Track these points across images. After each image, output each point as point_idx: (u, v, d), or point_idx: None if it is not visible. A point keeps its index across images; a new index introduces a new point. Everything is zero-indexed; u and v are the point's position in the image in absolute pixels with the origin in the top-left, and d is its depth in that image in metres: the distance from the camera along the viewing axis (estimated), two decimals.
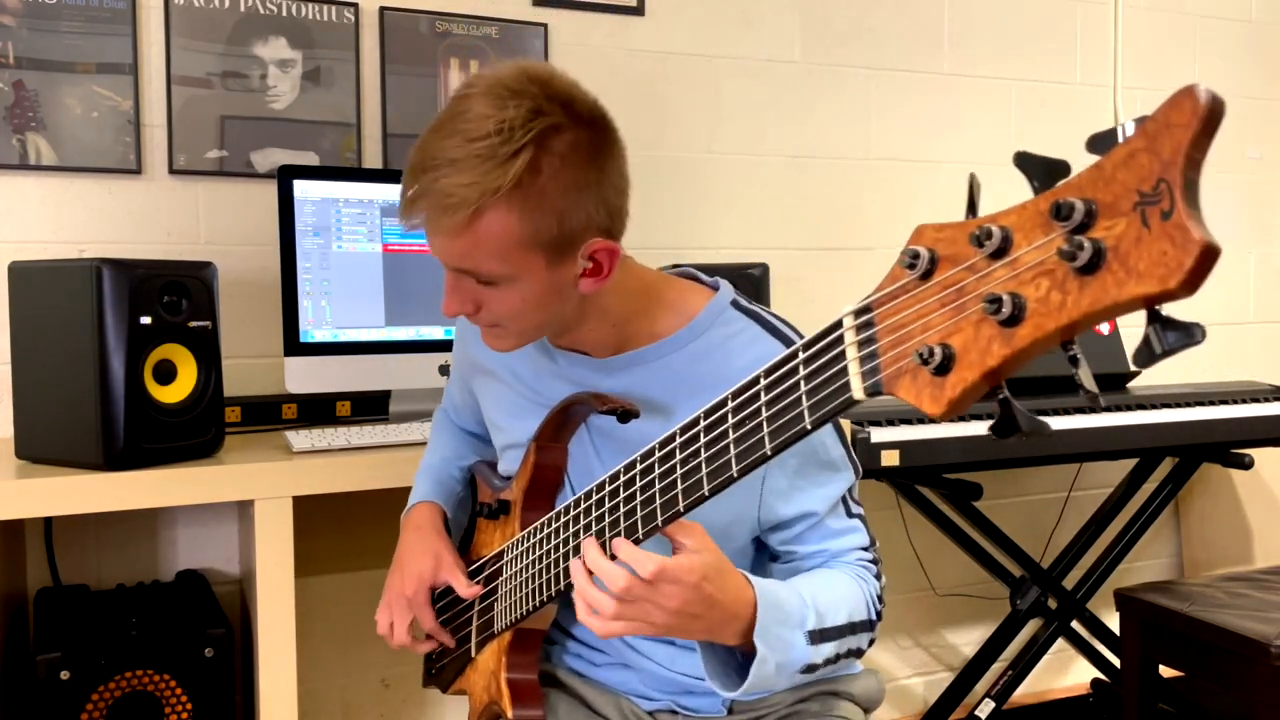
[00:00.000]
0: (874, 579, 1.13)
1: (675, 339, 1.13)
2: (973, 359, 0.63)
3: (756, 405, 0.82)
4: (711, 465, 0.87)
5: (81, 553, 1.95)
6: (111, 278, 1.52)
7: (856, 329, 0.72)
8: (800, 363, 0.78)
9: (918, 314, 0.67)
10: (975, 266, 0.63)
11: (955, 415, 0.66)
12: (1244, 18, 2.97)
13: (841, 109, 2.54)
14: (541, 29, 2.24)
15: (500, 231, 0.99)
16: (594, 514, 1.01)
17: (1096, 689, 2.71)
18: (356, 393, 2.01)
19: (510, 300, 1.04)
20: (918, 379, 0.66)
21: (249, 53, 2.04)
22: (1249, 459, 2.40)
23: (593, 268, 1.05)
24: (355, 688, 2.16)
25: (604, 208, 1.04)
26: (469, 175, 0.96)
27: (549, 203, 0.99)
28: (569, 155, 0.99)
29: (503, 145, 0.96)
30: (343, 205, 1.90)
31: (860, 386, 0.71)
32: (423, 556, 1.27)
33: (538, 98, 0.98)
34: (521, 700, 1.16)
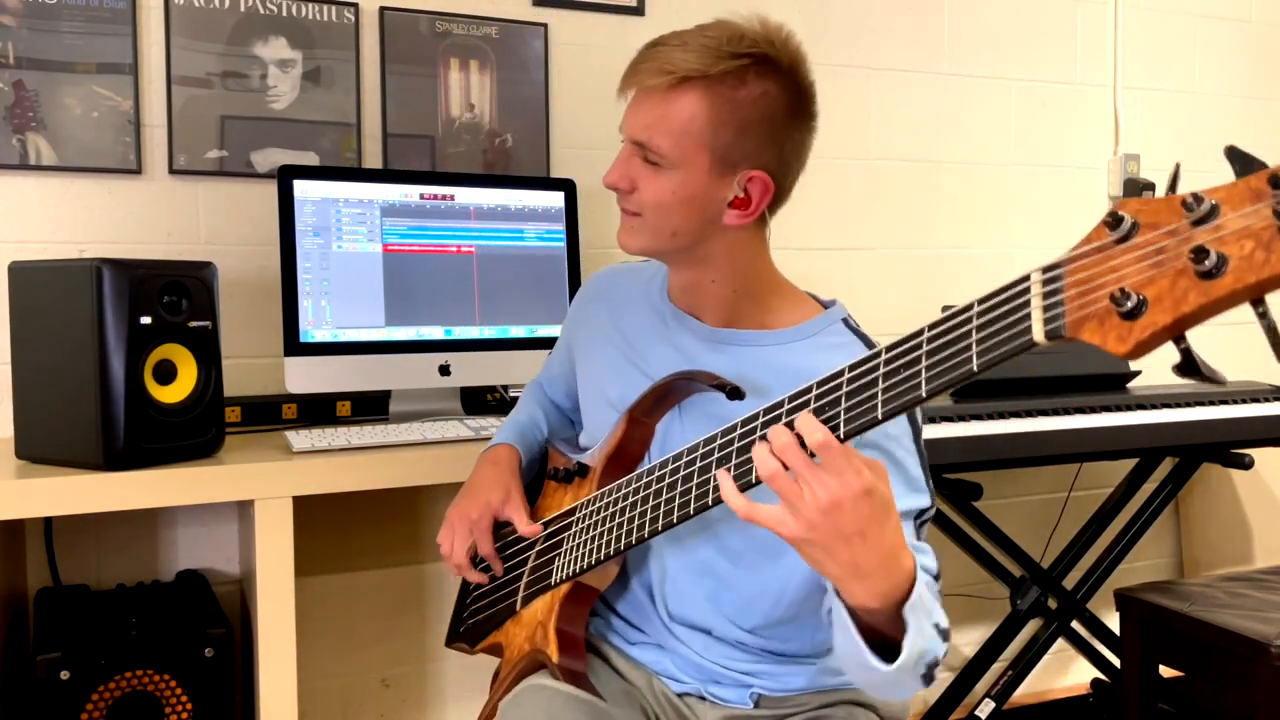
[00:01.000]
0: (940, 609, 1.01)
1: (784, 333, 1.17)
2: (1166, 305, 0.67)
3: (917, 354, 0.83)
4: (851, 412, 0.85)
5: (81, 553, 1.95)
6: (111, 278, 1.52)
7: (1043, 283, 0.76)
8: (975, 313, 0.80)
9: (1111, 269, 0.71)
10: (1177, 231, 0.68)
11: (1139, 357, 0.70)
12: (1244, 18, 2.97)
13: (841, 109, 2.54)
14: (541, 29, 2.24)
15: (688, 112, 1.08)
16: (677, 474, 1.03)
17: (1096, 689, 2.71)
18: (356, 393, 2.01)
19: (664, 187, 1.11)
20: (1105, 323, 0.70)
21: (249, 53, 2.04)
22: (1249, 459, 2.40)
23: (743, 199, 1.12)
24: (355, 688, 2.16)
25: (778, 154, 1.13)
26: (689, 54, 1.08)
27: (738, 114, 1.09)
28: (774, 93, 1.10)
29: (729, 45, 1.08)
30: (343, 205, 1.90)
31: (1041, 330, 0.74)
32: (495, 487, 1.31)
33: (774, 46, 1.11)
34: (568, 650, 1.17)
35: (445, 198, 1.98)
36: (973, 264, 2.69)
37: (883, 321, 2.60)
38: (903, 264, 2.62)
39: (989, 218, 2.70)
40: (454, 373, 1.97)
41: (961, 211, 2.67)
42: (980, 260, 2.70)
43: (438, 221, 1.97)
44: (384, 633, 2.17)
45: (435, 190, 1.98)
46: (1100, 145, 2.82)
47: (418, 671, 2.21)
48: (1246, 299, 0.65)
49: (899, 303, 2.61)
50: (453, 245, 1.98)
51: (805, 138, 1.17)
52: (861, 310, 2.60)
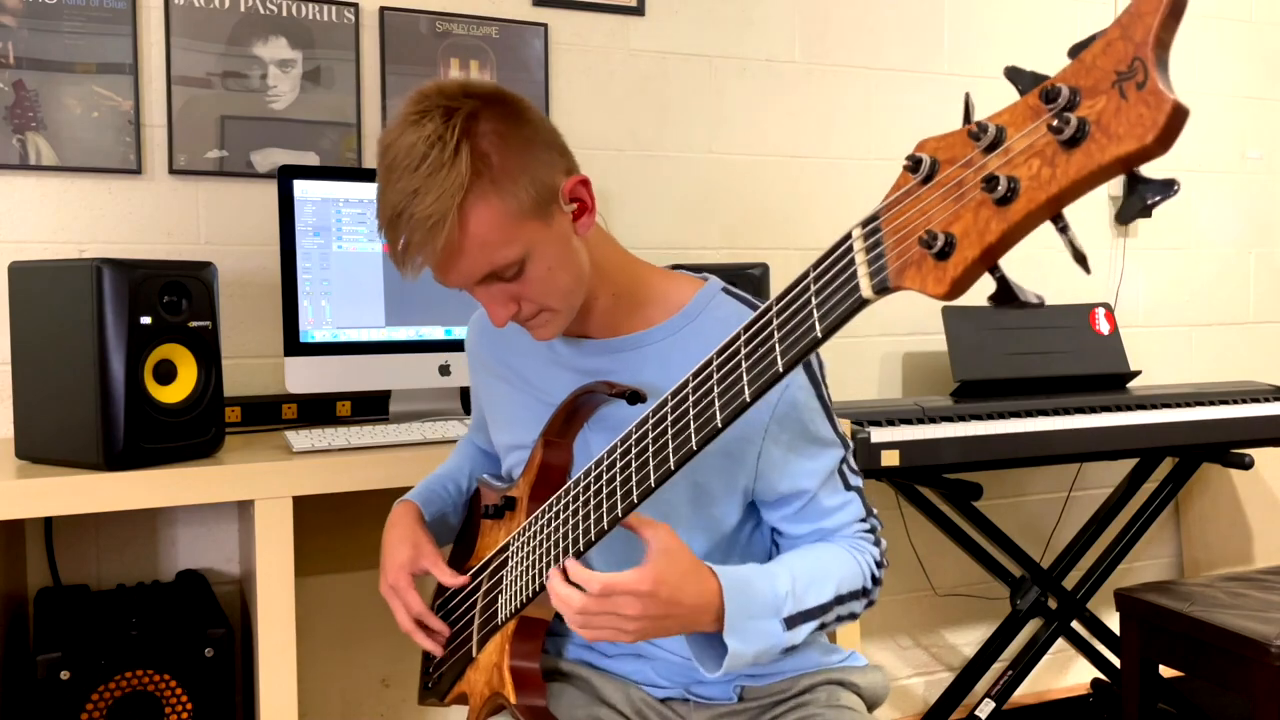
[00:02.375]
0: (872, 546, 1.18)
1: (669, 324, 1.16)
2: (972, 239, 0.68)
3: (769, 329, 0.86)
4: (724, 396, 0.89)
5: (81, 553, 1.95)
6: (111, 278, 1.52)
7: (864, 237, 0.77)
8: (810, 280, 0.83)
9: (920, 211, 0.72)
10: (971, 161, 0.69)
11: (957, 295, 0.70)
12: (1244, 18, 2.97)
13: (841, 109, 2.54)
14: (541, 29, 2.24)
15: (491, 219, 1.03)
16: (593, 488, 1.04)
17: (1096, 689, 2.71)
18: (356, 393, 2.01)
19: (539, 275, 1.08)
20: (922, 267, 0.71)
21: (249, 53, 2.04)
22: (1249, 459, 2.40)
23: (578, 206, 1.10)
24: (355, 688, 2.16)
25: (553, 150, 1.09)
26: (434, 192, 1.00)
27: (512, 171, 1.03)
28: (498, 127, 1.04)
29: (442, 152, 1.00)
30: (343, 205, 1.90)
31: (869, 285, 0.75)
32: (400, 546, 1.30)
33: (440, 103, 1.03)
34: (524, 687, 1.16)
35: None
36: None
37: (883, 321, 2.60)
38: None
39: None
40: (454, 372, 1.97)
41: None
42: None
43: None
44: (384, 633, 2.17)
45: None
46: None
47: (417, 671, 2.21)
48: (1045, 217, 0.66)
49: (898, 303, 2.61)
50: None
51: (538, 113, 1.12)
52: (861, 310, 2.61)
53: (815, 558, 1.13)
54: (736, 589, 1.03)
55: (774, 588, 1.07)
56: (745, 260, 2.32)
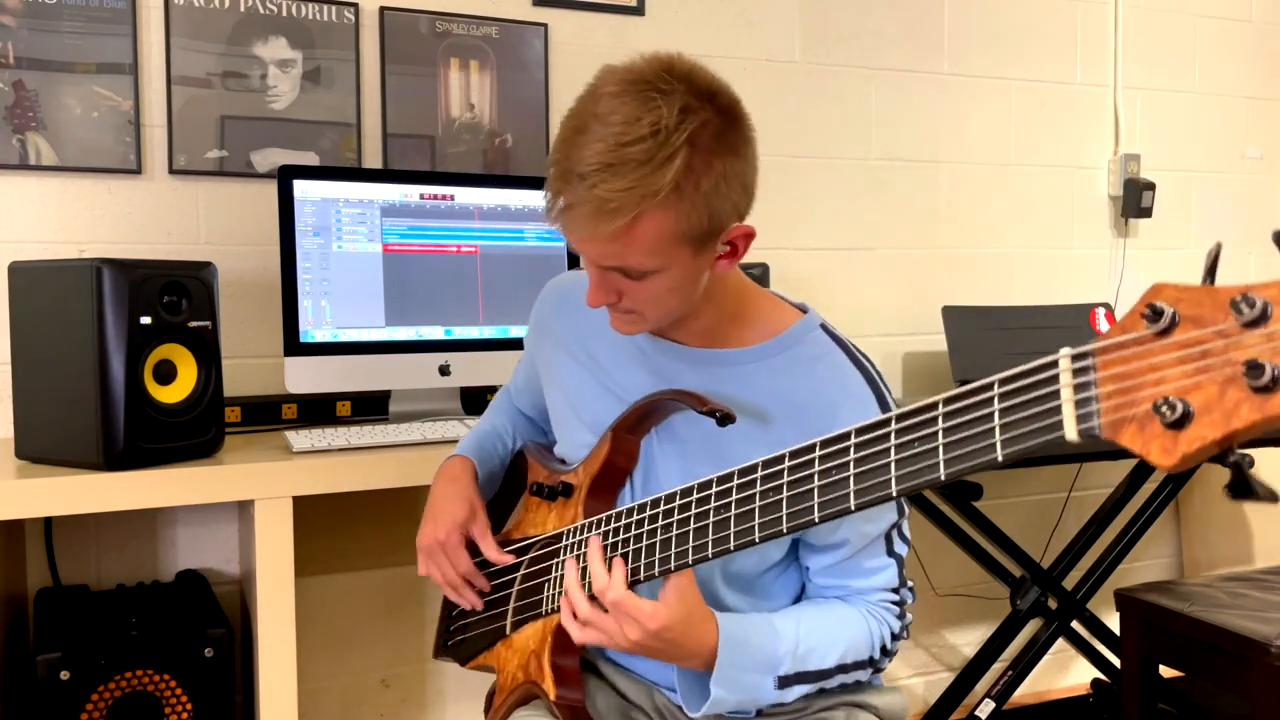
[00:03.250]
0: (893, 619, 1.15)
1: (763, 348, 1.15)
2: (1215, 419, 0.63)
3: (932, 429, 0.82)
4: (861, 483, 0.87)
5: (81, 553, 1.95)
6: (111, 278, 1.52)
7: (1074, 372, 0.72)
8: (996, 395, 0.78)
9: (1150, 367, 0.67)
10: (1225, 332, 0.63)
11: (1183, 470, 0.67)
12: (1244, 18, 2.97)
13: (841, 109, 2.54)
14: (542, 29, 2.24)
15: (656, 231, 1.00)
16: (683, 514, 1.02)
17: (1096, 689, 2.71)
18: (356, 393, 2.01)
19: (654, 290, 1.05)
20: (1146, 429, 0.67)
21: (249, 53, 2.04)
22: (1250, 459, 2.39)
23: (729, 250, 1.07)
24: (355, 688, 2.16)
25: (743, 191, 1.06)
26: (628, 180, 0.96)
27: (702, 200, 1.00)
28: (719, 149, 1.00)
29: (660, 148, 0.96)
30: (343, 205, 1.90)
31: (1074, 428, 0.72)
32: (458, 503, 1.28)
33: (685, 94, 0.98)
34: (565, 683, 1.16)
35: (445, 198, 1.98)
36: (973, 264, 2.69)
37: (883, 321, 2.60)
38: (903, 264, 2.62)
39: (989, 218, 2.70)
40: (454, 373, 1.97)
41: (961, 211, 2.67)
42: (980, 260, 2.70)
43: (437, 221, 1.97)
44: (384, 633, 2.17)
45: (435, 190, 1.98)
46: (1100, 145, 2.82)
47: (418, 671, 2.21)
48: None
49: (899, 303, 2.61)
50: (453, 245, 1.98)
51: (754, 147, 1.09)
52: (862, 310, 2.63)
53: (828, 622, 1.12)
54: (733, 643, 1.04)
55: (774, 646, 1.07)
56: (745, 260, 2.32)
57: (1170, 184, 2.85)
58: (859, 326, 2.54)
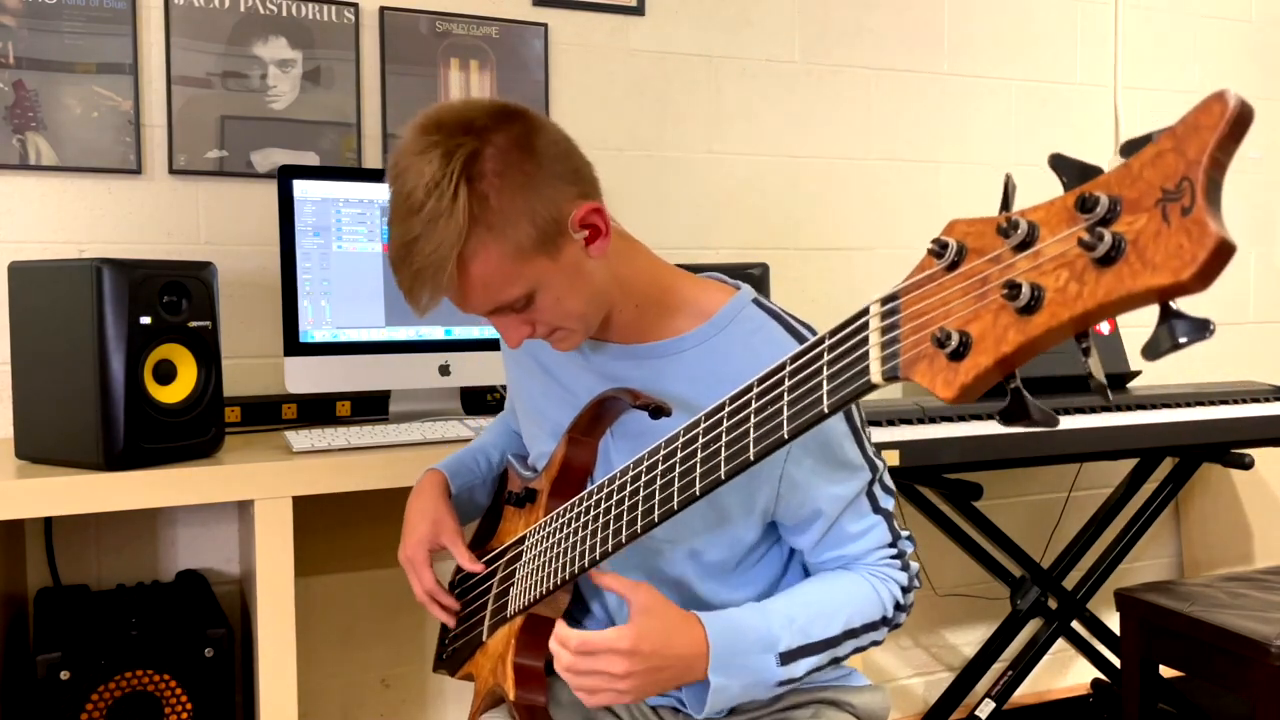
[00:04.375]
0: (898, 573, 1.15)
1: (697, 333, 1.15)
2: (988, 345, 0.64)
3: (779, 390, 0.84)
4: (730, 449, 0.89)
5: (81, 553, 1.95)
6: (111, 278, 1.52)
7: (881, 315, 0.74)
8: (825, 348, 0.80)
9: (941, 301, 0.68)
10: (1000, 258, 0.65)
11: (967, 400, 0.67)
12: (1244, 18, 2.97)
13: (841, 109, 2.54)
14: (542, 29, 2.24)
15: (491, 264, 1.02)
16: (614, 498, 1.04)
17: (1097, 689, 2.71)
18: (356, 393, 2.01)
19: (548, 305, 1.08)
20: (934, 364, 0.68)
21: (249, 53, 2.04)
22: (1249, 459, 2.40)
23: (590, 232, 1.08)
24: (355, 688, 2.16)
25: (560, 180, 1.06)
26: (432, 241, 1.00)
27: (511, 214, 1.02)
28: (498, 166, 1.02)
29: (440, 200, 1.00)
30: (343, 205, 1.90)
31: (879, 370, 0.73)
32: (421, 519, 1.31)
33: (440, 141, 1.01)
34: (525, 684, 1.16)
35: None
36: None
37: None
38: (903, 264, 2.62)
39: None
40: (454, 373, 1.97)
41: (961, 211, 2.67)
42: None
43: None
44: (384, 633, 2.17)
45: None
46: (1100, 145, 2.82)
47: (418, 671, 2.21)
48: (1069, 334, 0.61)
49: None
50: None
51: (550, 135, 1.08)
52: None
53: (826, 589, 1.12)
54: (723, 632, 1.04)
55: (768, 623, 1.07)
56: (745, 260, 2.32)
57: None
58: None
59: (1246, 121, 0.55)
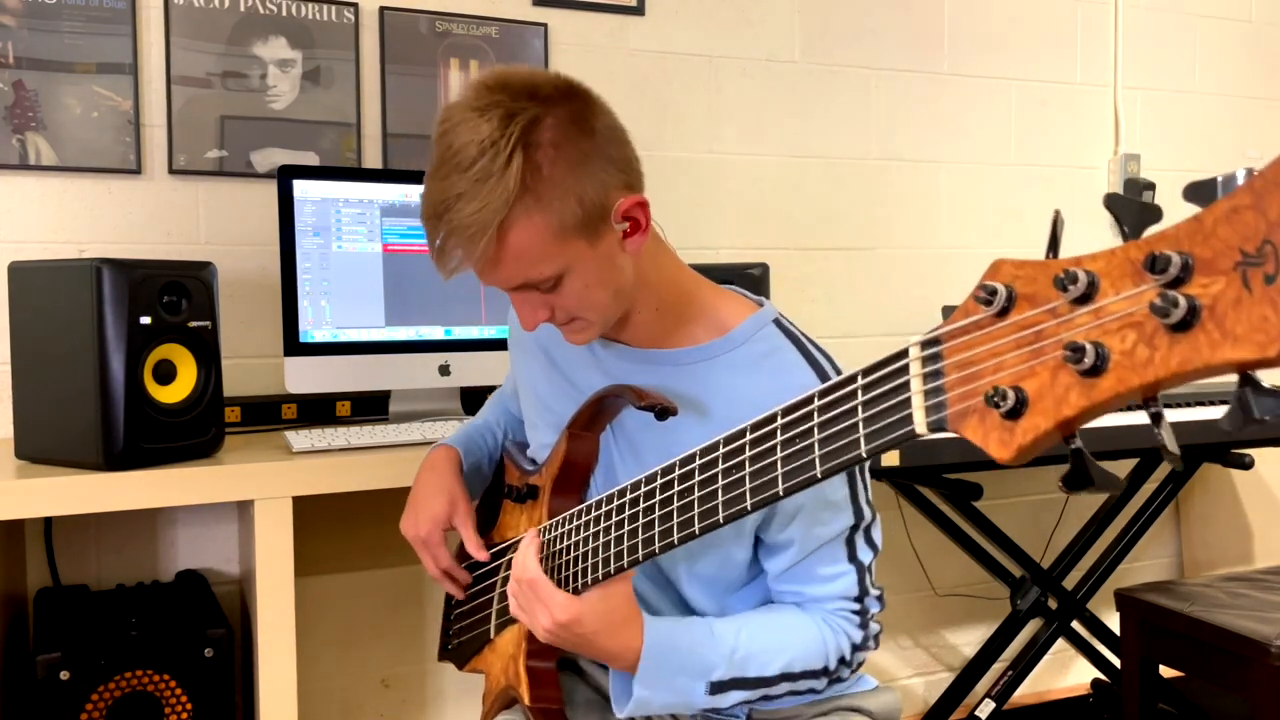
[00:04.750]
0: (853, 629, 1.13)
1: (713, 346, 1.13)
2: (1047, 406, 0.60)
3: (808, 426, 0.81)
4: (756, 480, 0.86)
5: (81, 553, 1.95)
6: (111, 278, 1.52)
7: (923, 361, 0.70)
8: (860, 387, 0.76)
9: (990, 353, 0.64)
10: (1057, 310, 0.60)
11: (1023, 462, 0.63)
12: (1244, 18, 2.97)
13: (841, 109, 2.54)
14: (541, 29, 2.24)
15: (532, 236, 1.00)
16: (627, 513, 1.02)
17: (1097, 689, 2.71)
18: (356, 393, 2.01)
19: (575, 290, 1.06)
20: (986, 420, 0.64)
21: (249, 53, 2.04)
22: (1249, 459, 2.40)
23: (630, 225, 1.06)
24: (355, 688, 2.16)
25: (612, 166, 1.04)
26: (477, 201, 0.98)
27: (560, 189, 1.00)
28: (557, 138, 1.00)
29: (493, 160, 0.97)
30: (343, 205, 1.90)
31: (924, 421, 0.69)
32: (437, 497, 1.29)
33: (503, 102, 0.99)
34: (539, 688, 1.15)
35: None
36: (973, 264, 2.69)
37: (883, 322, 2.60)
38: (903, 264, 2.62)
39: (989, 218, 2.70)
40: (454, 373, 1.97)
41: (961, 211, 2.67)
42: (980, 260, 2.70)
43: None
44: (384, 633, 2.17)
45: None
46: (1100, 145, 2.82)
47: (418, 671, 2.21)
48: (1136, 399, 0.57)
49: (899, 303, 2.61)
50: None
51: (608, 120, 1.07)
52: (862, 310, 2.62)
53: (775, 628, 1.11)
54: (660, 646, 1.04)
55: (709, 651, 1.06)
56: (745, 260, 2.32)
57: (1170, 184, 2.85)
58: (859, 326, 2.54)
59: None
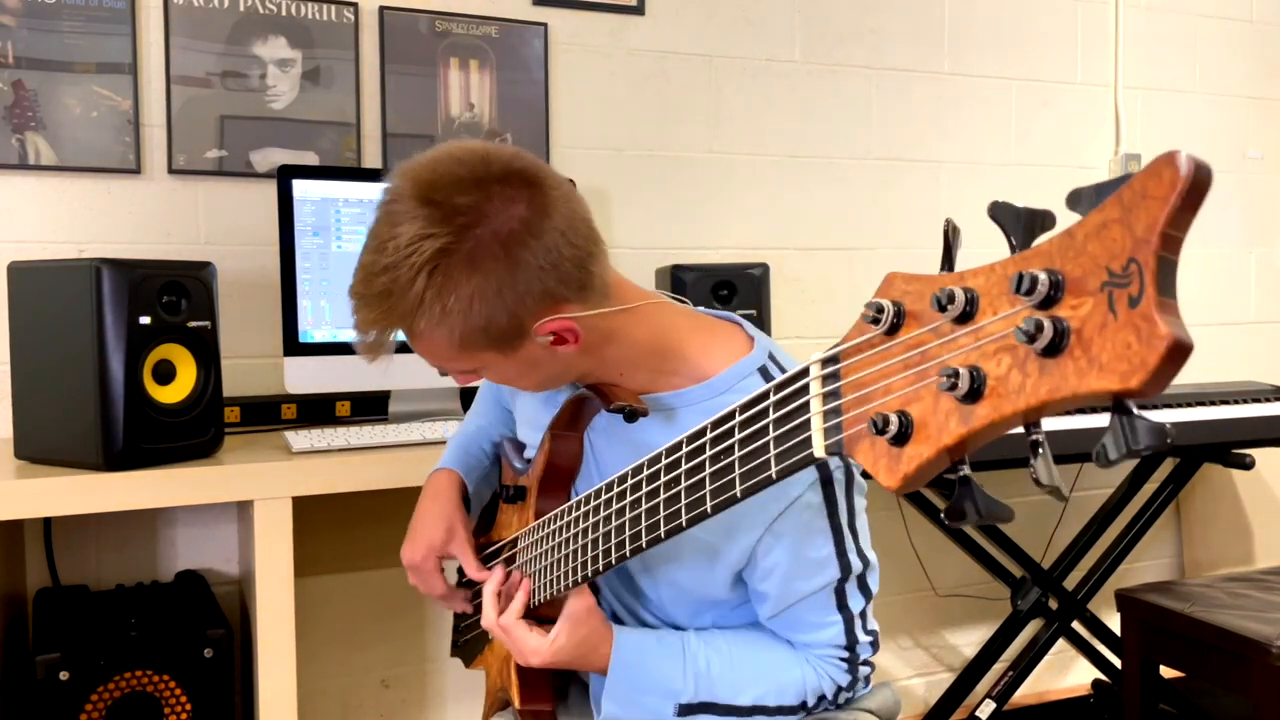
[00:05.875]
0: (839, 673, 1.12)
1: (691, 393, 1.10)
2: (930, 433, 0.58)
3: (730, 443, 0.82)
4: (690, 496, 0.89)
5: (81, 553, 1.94)
6: (111, 278, 1.52)
7: (822, 380, 0.68)
8: (771, 404, 0.75)
9: (880, 373, 0.63)
10: (940, 330, 0.59)
11: (913, 489, 0.61)
12: (1244, 18, 2.97)
13: (841, 109, 2.54)
14: (541, 29, 2.24)
15: (436, 344, 1.01)
16: (602, 513, 1.02)
17: (1097, 689, 2.71)
18: (356, 393, 2.01)
19: (497, 378, 1.09)
20: (875, 447, 0.62)
21: (248, 52, 2.03)
22: (1249, 459, 2.39)
23: (555, 339, 1.01)
24: (355, 688, 2.16)
25: (531, 292, 0.98)
26: (375, 311, 1.00)
27: (461, 315, 0.97)
28: (467, 267, 0.96)
29: (404, 270, 0.96)
30: (342, 205, 1.90)
31: (822, 444, 0.68)
32: (435, 525, 1.28)
33: (432, 212, 0.96)
34: (529, 690, 1.16)
35: None
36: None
37: None
38: (902, 264, 2.62)
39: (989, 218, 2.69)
40: None
41: (961, 211, 2.67)
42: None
43: None
44: (384, 633, 2.17)
45: None
46: (1101, 145, 2.82)
47: (418, 671, 2.20)
48: (1015, 426, 0.55)
49: None
50: None
51: (546, 231, 0.97)
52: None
53: (753, 658, 1.11)
54: (627, 665, 1.07)
55: (679, 668, 1.08)
56: (745, 260, 2.32)
57: None
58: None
59: (1202, 190, 0.48)
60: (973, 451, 0.58)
